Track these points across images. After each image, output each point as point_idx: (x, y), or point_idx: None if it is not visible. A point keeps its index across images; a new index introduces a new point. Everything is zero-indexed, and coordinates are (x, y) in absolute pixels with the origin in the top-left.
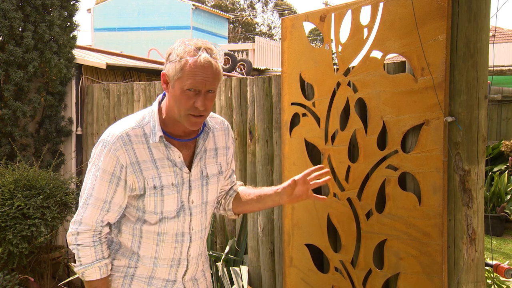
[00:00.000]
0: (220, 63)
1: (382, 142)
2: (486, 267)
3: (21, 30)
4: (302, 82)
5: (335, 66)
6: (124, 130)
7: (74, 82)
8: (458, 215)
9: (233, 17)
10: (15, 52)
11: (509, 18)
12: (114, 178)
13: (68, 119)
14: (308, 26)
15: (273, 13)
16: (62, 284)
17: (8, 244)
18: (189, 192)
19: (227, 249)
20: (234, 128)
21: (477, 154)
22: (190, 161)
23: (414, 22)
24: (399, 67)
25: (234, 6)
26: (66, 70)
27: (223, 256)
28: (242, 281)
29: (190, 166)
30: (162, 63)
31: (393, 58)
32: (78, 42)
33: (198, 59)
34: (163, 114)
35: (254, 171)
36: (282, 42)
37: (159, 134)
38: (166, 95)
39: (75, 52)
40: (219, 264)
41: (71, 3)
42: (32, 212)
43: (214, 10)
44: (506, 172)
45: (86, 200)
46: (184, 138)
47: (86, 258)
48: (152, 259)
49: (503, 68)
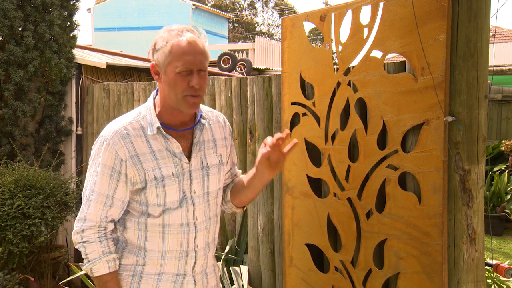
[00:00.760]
0: (205, 43)
1: (382, 142)
2: (486, 267)
3: (21, 29)
4: (302, 82)
5: (335, 66)
6: (121, 125)
7: (74, 82)
8: (458, 215)
9: (233, 16)
10: (15, 51)
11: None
12: (114, 172)
13: (68, 119)
14: (308, 26)
15: (273, 12)
16: (62, 283)
17: (8, 243)
18: (190, 182)
19: (227, 248)
20: (234, 128)
21: (477, 153)
22: (189, 151)
23: (414, 21)
24: (399, 67)
25: (234, 6)
26: (66, 70)
27: (223, 255)
28: (242, 280)
29: (189, 157)
30: None
31: (393, 58)
32: (78, 42)
33: (184, 39)
34: (158, 108)
35: None
36: (282, 42)
37: (156, 125)
38: (159, 89)
39: (75, 51)
40: (219, 263)
41: (71, 3)
42: (32, 211)
43: (214, 9)
44: (506, 172)
45: (88, 196)
46: (181, 128)
47: (93, 253)
48: (159, 253)
49: (503, 68)
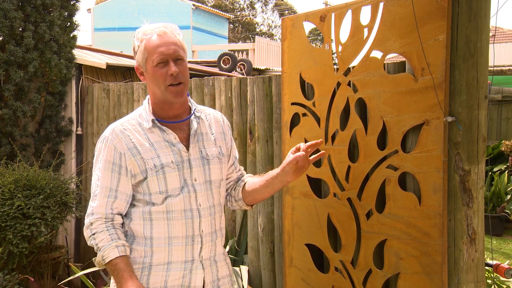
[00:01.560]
0: (178, 36)
1: (382, 142)
2: (486, 267)
3: (21, 30)
4: (302, 82)
5: (335, 66)
6: (119, 123)
7: (74, 82)
8: (458, 215)
9: (233, 17)
10: (16, 52)
11: (509, 18)
12: (115, 166)
13: (68, 119)
14: (308, 26)
15: (273, 13)
16: (62, 283)
17: (8, 244)
18: (190, 170)
19: (227, 248)
20: (234, 128)
21: (477, 154)
22: (186, 142)
23: (414, 22)
24: (399, 67)
25: (234, 6)
26: (66, 70)
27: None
28: (242, 281)
29: (187, 147)
30: None
31: (393, 58)
32: (78, 42)
33: (155, 34)
34: (151, 105)
35: (254, 171)
36: (282, 42)
37: (151, 118)
38: (147, 88)
39: (75, 52)
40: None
41: (71, 3)
42: (32, 212)
43: (214, 10)
44: (506, 172)
45: (94, 192)
46: (175, 121)
47: (102, 242)
48: (166, 239)
49: (503, 68)
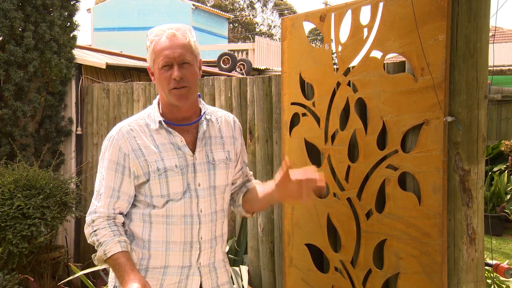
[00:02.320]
0: (190, 38)
1: (382, 142)
2: (486, 267)
3: (21, 30)
4: (302, 82)
5: (335, 66)
6: (126, 123)
7: (74, 82)
8: (458, 215)
9: (233, 17)
10: (16, 52)
11: (509, 18)
12: (119, 167)
13: (68, 119)
14: (308, 26)
15: (273, 12)
16: (62, 283)
17: (8, 244)
18: (194, 175)
19: (227, 248)
20: None
21: (477, 154)
22: (193, 145)
23: (414, 22)
24: (399, 67)
25: (234, 6)
26: (66, 70)
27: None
28: (242, 281)
29: (193, 151)
30: None
31: (393, 58)
32: (78, 42)
33: (164, 36)
34: (161, 106)
35: (254, 171)
36: (282, 42)
37: (158, 119)
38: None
39: (75, 52)
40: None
41: (71, 3)
42: (32, 212)
43: (214, 10)
44: (506, 172)
45: (99, 191)
46: (184, 123)
47: (104, 237)
48: (163, 244)
49: (503, 68)
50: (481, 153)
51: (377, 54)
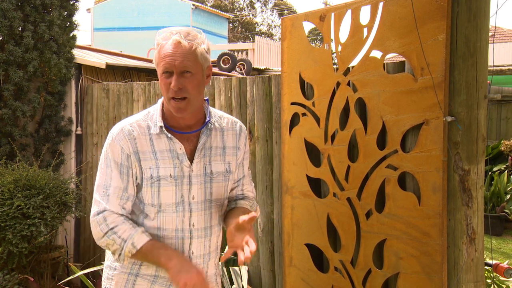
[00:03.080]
0: (198, 45)
1: (381, 142)
2: (486, 267)
3: (20, 29)
4: (302, 82)
5: (335, 66)
6: (128, 122)
7: (73, 82)
8: (457, 215)
9: (232, 16)
10: (15, 51)
11: (509, 18)
12: (123, 168)
13: (67, 119)
14: (307, 26)
15: (272, 12)
16: (61, 283)
17: (8, 244)
18: (189, 187)
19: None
20: None
21: (476, 153)
22: (192, 155)
23: (414, 21)
24: (399, 67)
25: (234, 6)
26: (66, 70)
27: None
28: (242, 281)
29: (192, 161)
30: None
31: (392, 58)
32: (78, 42)
33: (170, 41)
34: (164, 109)
35: (254, 171)
36: (282, 42)
37: (159, 125)
38: None
39: (75, 51)
40: (219, 263)
41: (71, 3)
42: (31, 212)
43: (213, 10)
44: (506, 171)
45: (106, 191)
46: (186, 131)
47: (125, 232)
48: None
49: (503, 67)
50: (480, 153)
51: (377, 54)
